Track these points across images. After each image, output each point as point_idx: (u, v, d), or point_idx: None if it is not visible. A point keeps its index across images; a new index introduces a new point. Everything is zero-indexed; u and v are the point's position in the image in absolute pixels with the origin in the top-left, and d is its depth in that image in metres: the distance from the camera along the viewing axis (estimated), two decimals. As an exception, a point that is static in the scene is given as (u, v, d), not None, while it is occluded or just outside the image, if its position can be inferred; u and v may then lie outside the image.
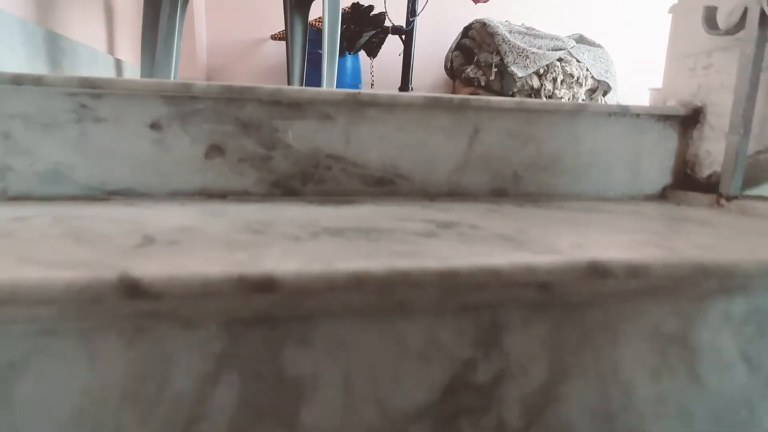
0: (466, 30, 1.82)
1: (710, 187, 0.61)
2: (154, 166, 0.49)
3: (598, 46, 1.84)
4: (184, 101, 0.48)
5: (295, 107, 0.51)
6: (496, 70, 1.67)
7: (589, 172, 0.61)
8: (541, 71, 1.68)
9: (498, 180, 0.58)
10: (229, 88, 0.49)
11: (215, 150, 0.50)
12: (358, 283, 0.26)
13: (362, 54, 1.77)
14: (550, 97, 1.72)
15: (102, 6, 1.17)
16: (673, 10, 0.68)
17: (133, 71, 1.35)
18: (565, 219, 0.46)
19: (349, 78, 1.73)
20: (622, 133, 0.61)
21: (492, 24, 1.70)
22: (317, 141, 0.52)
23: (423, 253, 0.30)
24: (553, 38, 1.75)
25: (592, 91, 1.85)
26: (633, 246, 0.35)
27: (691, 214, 0.51)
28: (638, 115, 0.61)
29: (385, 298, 0.27)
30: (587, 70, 1.74)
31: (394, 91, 1.82)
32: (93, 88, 0.46)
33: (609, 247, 0.34)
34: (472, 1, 1.72)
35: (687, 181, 0.64)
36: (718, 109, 0.61)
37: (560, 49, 1.73)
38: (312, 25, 1.58)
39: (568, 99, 1.72)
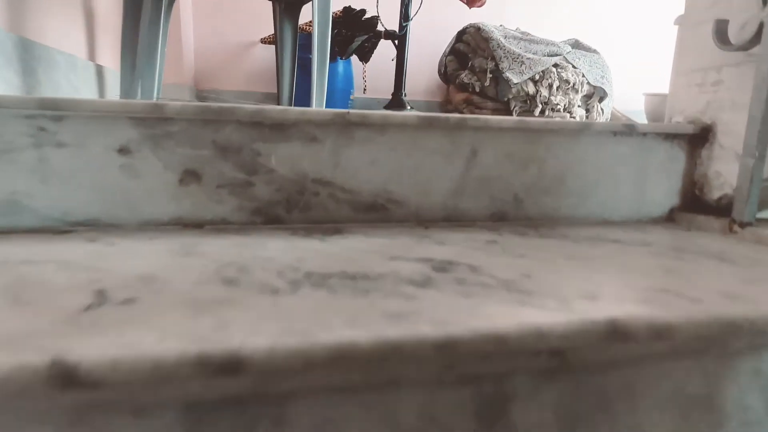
0: (460, 34, 1.78)
1: (720, 209, 0.58)
2: (123, 195, 0.44)
3: (594, 51, 1.82)
4: (155, 123, 0.44)
5: (278, 129, 0.47)
6: (491, 75, 1.64)
7: (594, 194, 0.58)
8: (537, 77, 1.65)
9: (497, 203, 0.55)
10: (205, 109, 0.45)
11: (191, 176, 0.46)
12: (342, 358, 0.22)
13: (354, 58, 1.73)
14: (546, 103, 1.69)
15: (81, 11, 1.12)
16: (679, 21, 0.65)
17: (115, 77, 1.30)
18: (571, 254, 0.42)
19: (341, 83, 1.69)
20: (628, 152, 0.58)
21: (486, 29, 1.66)
22: (303, 165, 0.48)
23: (417, 313, 0.26)
24: (548, 44, 1.72)
25: (587, 97, 1.82)
26: (652, 296, 0.31)
27: (705, 243, 0.48)
28: (645, 134, 0.58)
29: (373, 374, 0.23)
30: (583, 76, 1.72)
31: (387, 95, 1.78)
32: (53, 110, 0.42)
33: (625, 298, 0.31)
34: (466, 6, 1.69)
35: (695, 203, 0.61)
36: (728, 128, 0.57)
37: (556, 55, 1.70)
38: (302, 30, 1.54)
39: (564, 105, 1.69)
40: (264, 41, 1.80)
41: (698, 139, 0.60)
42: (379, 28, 1.63)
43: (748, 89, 0.54)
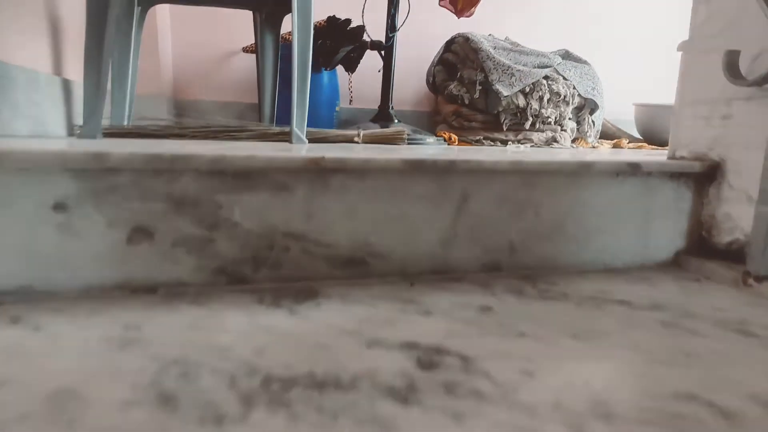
0: (449, 44, 1.73)
1: (730, 254, 0.53)
2: (60, 258, 0.38)
3: (585, 62, 1.78)
4: (97, 175, 0.38)
5: (242, 177, 0.41)
6: (480, 87, 1.59)
7: (595, 239, 0.53)
8: (527, 90, 1.61)
9: (490, 253, 0.49)
10: (156, 157, 0.39)
11: (141, 233, 0.40)
12: None
13: (340, 68, 1.67)
14: (536, 116, 1.65)
15: (45, 23, 1.05)
16: (683, 47, 0.60)
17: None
18: (575, 329, 0.37)
19: (325, 95, 1.63)
20: (632, 193, 0.53)
21: (475, 39, 1.62)
22: (272, 217, 0.43)
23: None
24: (539, 55, 1.68)
25: (578, 110, 1.79)
26: (677, 409, 0.26)
27: (720, 304, 0.43)
28: (649, 173, 0.53)
29: None
30: (574, 88, 1.68)
31: (373, 105, 1.73)
32: (-27, 163, 0.36)
33: (647, 415, 0.26)
34: (455, 15, 1.64)
35: (702, 246, 0.56)
36: (739, 167, 0.53)
37: (546, 66, 1.66)
38: (285, 40, 1.48)
39: (555, 118, 1.66)
40: (246, 50, 1.73)
41: (706, 177, 0.55)
42: (365, 38, 1.57)
43: (761, 126, 0.50)
